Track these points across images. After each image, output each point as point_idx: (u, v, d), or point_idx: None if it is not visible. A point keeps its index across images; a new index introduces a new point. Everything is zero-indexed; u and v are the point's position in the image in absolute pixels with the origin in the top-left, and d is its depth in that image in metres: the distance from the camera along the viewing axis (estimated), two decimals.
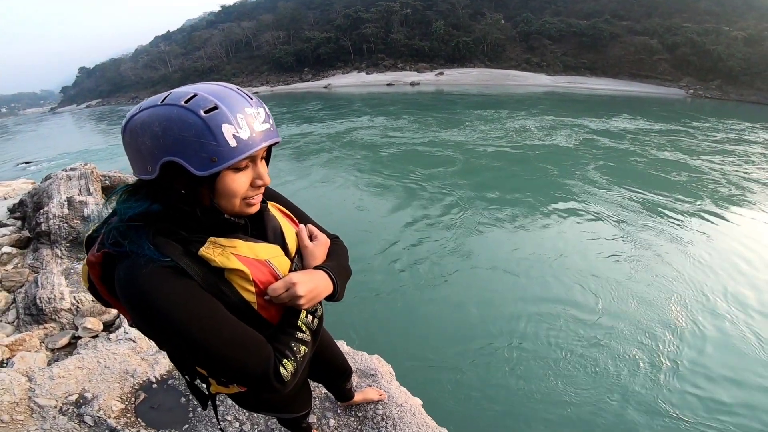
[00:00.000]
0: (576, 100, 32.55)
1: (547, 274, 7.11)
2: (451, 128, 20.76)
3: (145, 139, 0.72)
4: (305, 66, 62.14)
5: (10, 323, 3.35)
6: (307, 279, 0.88)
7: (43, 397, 2.01)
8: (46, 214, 4.57)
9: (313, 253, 0.96)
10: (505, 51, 53.51)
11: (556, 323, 5.83)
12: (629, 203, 10.37)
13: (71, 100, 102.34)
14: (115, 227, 0.78)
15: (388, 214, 10.08)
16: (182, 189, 0.77)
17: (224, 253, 0.81)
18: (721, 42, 40.67)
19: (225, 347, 0.77)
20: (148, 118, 0.73)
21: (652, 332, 5.65)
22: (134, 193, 0.82)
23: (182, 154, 0.71)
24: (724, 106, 32.23)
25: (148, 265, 0.73)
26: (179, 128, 0.71)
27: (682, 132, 19.59)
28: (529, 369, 5.04)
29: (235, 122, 0.73)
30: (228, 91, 0.76)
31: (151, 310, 0.73)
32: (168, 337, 0.76)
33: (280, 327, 0.89)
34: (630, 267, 7.34)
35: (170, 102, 0.73)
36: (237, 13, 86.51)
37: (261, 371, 0.80)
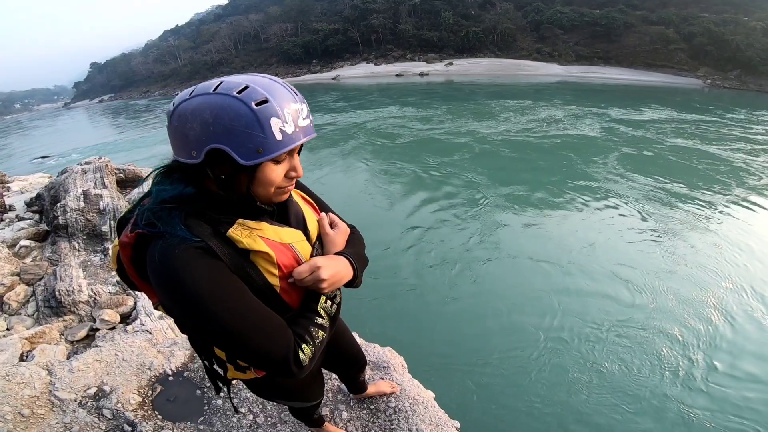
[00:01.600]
0: (590, 90, 32.00)
1: (574, 265, 6.97)
2: (471, 118, 20.70)
3: (194, 125, 0.75)
4: (314, 58, 61.93)
5: (29, 316, 3.41)
6: (330, 263, 0.91)
7: (63, 391, 2.05)
8: (62, 208, 4.64)
9: (334, 240, 0.99)
10: (515, 41, 52.62)
11: (584, 317, 5.69)
12: (655, 192, 10.22)
13: (84, 95, 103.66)
14: (149, 208, 0.80)
15: (405, 203, 10.08)
16: (222, 175, 0.80)
17: (251, 235, 0.84)
18: (740, 32, 39.59)
19: (250, 330, 0.78)
20: (199, 105, 0.75)
21: (689, 329, 5.46)
22: (168, 176, 0.85)
23: (230, 142, 0.74)
24: (743, 96, 31.40)
25: (180, 245, 0.75)
26: (230, 118, 0.73)
27: (704, 121, 19.20)
28: (553, 366, 4.91)
29: (282, 116, 0.76)
30: (276, 85, 0.79)
31: (181, 289, 0.75)
32: (194, 316, 0.77)
33: (299, 311, 0.91)
34: (662, 258, 7.20)
35: (223, 91, 0.75)
36: (245, 6, 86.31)
37: (282, 355, 0.81)
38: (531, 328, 5.53)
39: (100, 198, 4.81)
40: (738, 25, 40.89)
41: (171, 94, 64.49)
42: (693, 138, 15.85)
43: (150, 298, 0.91)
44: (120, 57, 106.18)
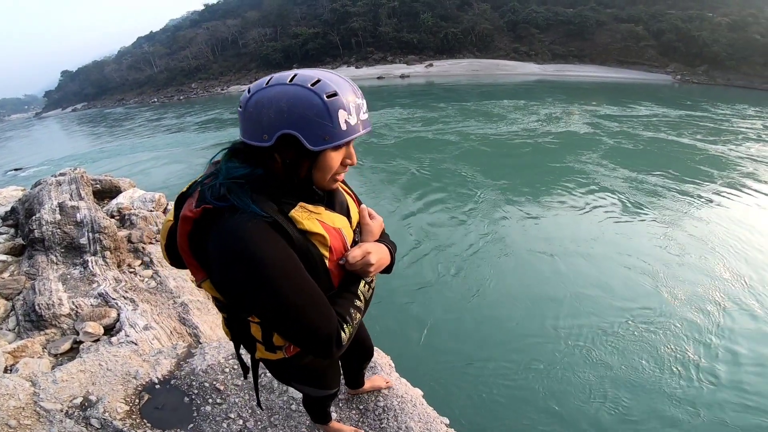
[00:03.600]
0: (568, 88, 32.70)
1: (568, 260, 7.02)
2: (458, 117, 20.71)
3: (270, 112, 0.82)
4: (294, 62, 61.40)
5: (11, 330, 3.34)
6: (377, 250, 1.01)
7: (49, 401, 2.02)
8: (38, 221, 4.53)
9: (372, 230, 1.08)
10: (493, 41, 53.44)
11: (580, 313, 5.67)
12: (644, 184, 10.51)
13: (56, 105, 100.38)
14: (222, 183, 0.85)
15: (396, 200, 10.13)
16: (287, 159, 0.87)
17: (310, 217, 0.91)
18: (705, 28, 41.12)
19: (307, 305, 0.84)
20: (277, 94, 0.83)
21: (701, 329, 5.37)
22: (235, 155, 0.92)
23: (301, 129, 0.82)
24: (711, 90, 32.59)
25: (252, 219, 0.81)
26: (304, 107, 0.81)
27: (678, 116, 19.87)
28: (548, 362, 4.89)
29: (348, 109, 0.84)
30: (343, 81, 0.87)
31: (252, 260, 0.79)
32: (259, 287, 0.81)
33: (339, 293, 0.96)
34: (662, 247, 7.33)
35: (298, 83, 0.83)
36: (221, 11, 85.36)
37: (328, 333, 0.86)
38: (523, 324, 5.56)
39: (76, 210, 4.71)
40: (704, 21, 42.44)
41: (147, 102, 62.99)
42: (671, 131, 16.35)
43: (195, 274, 0.93)
44: (92, 64, 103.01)
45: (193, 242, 0.88)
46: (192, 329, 3.57)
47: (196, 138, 23.21)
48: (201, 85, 65.03)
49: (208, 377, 2.31)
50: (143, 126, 33.25)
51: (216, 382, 2.28)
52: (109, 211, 5.71)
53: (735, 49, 37.96)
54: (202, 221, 0.85)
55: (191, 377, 2.32)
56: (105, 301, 3.63)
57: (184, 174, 14.95)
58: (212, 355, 2.49)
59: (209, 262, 0.86)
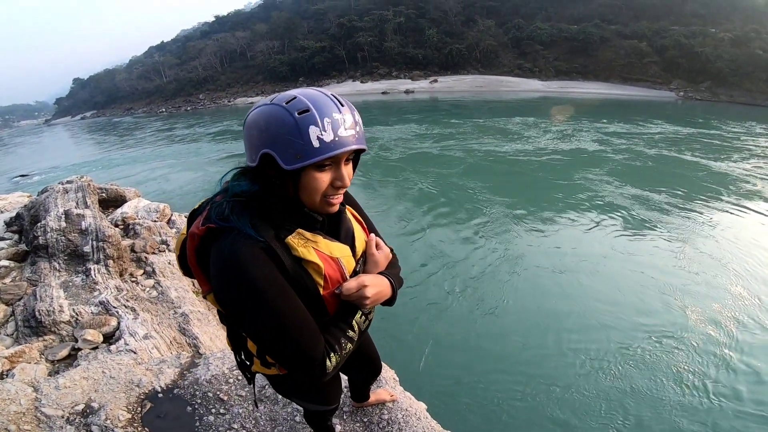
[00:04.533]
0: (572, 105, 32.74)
1: (574, 278, 6.95)
2: (473, 134, 20.69)
3: (254, 132, 0.85)
4: (300, 75, 62.23)
5: (9, 335, 3.33)
6: (375, 282, 0.99)
7: (50, 407, 2.00)
8: (43, 228, 4.55)
9: (377, 261, 1.06)
10: (497, 57, 54.01)
11: (590, 331, 5.60)
12: (651, 202, 10.48)
13: (66, 112, 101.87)
14: (226, 201, 0.89)
15: (404, 214, 10.13)
16: (272, 179, 0.88)
17: (306, 245, 0.91)
18: (708, 44, 41.37)
19: (291, 328, 0.85)
20: (258, 114, 0.85)
21: (719, 345, 5.28)
22: (242, 175, 0.94)
23: (275, 148, 0.82)
24: (714, 107, 32.72)
25: (246, 242, 0.83)
26: (277, 125, 0.82)
27: (684, 133, 19.88)
28: (553, 380, 4.81)
29: (321, 125, 0.82)
30: (322, 96, 0.85)
31: (243, 281, 0.82)
32: (248, 307, 0.84)
33: (333, 321, 0.96)
34: (672, 263, 7.29)
35: (276, 102, 0.85)
36: (231, 24, 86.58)
37: (311, 357, 0.87)
38: (531, 340, 5.49)
39: (82, 218, 4.73)
40: (707, 37, 42.75)
41: (156, 112, 63.74)
42: (676, 148, 16.42)
43: (201, 286, 0.98)
44: (103, 72, 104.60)
45: (199, 257, 0.93)
46: (192, 339, 3.55)
47: (205, 149, 23.34)
48: (208, 96, 65.79)
49: (211, 387, 2.29)
50: (153, 136, 33.53)
51: (220, 392, 2.25)
52: (113, 220, 5.73)
53: (738, 64, 38.15)
54: (206, 239, 0.89)
55: (195, 387, 2.30)
56: (106, 309, 3.62)
57: (190, 185, 15.06)
58: (216, 365, 2.47)
59: (211, 277, 0.89)
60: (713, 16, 46.81)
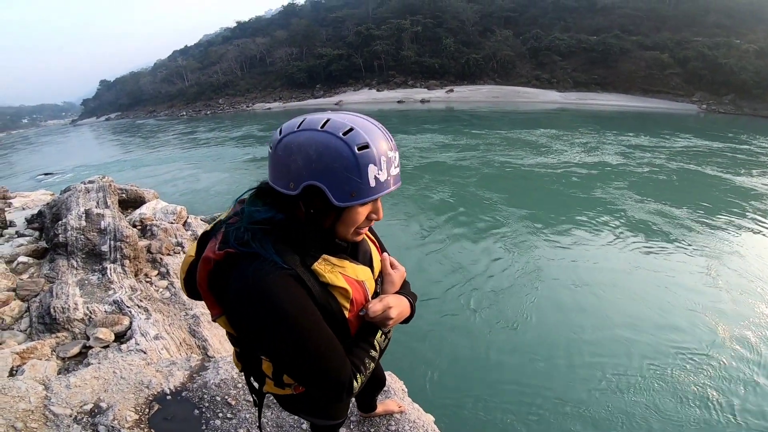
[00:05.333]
0: (590, 117, 32.23)
1: (598, 294, 6.73)
2: (496, 146, 20.39)
3: (298, 159, 0.79)
4: (317, 82, 63.00)
5: (22, 331, 3.40)
6: (398, 303, 1.00)
7: (59, 406, 2.02)
8: (64, 226, 4.66)
9: (394, 280, 1.06)
10: (515, 67, 53.73)
11: (613, 349, 5.40)
12: (678, 218, 10.14)
13: (91, 113, 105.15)
14: (245, 228, 0.85)
15: (424, 225, 10.02)
16: (312, 210, 0.85)
17: (333, 271, 0.90)
18: (733, 55, 40.31)
19: (323, 355, 0.84)
20: (306, 140, 0.80)
21: (752, 366, 5.04)
22: (259, 197, 0.91)
23: (328, 182, 0.79)
24: (738, 120, 31.84)
25: (275, 270, 0.80)
26: (332, 158, 0.77)
27: (709, 147, 19.28)
28: (576, 400, 4.60)
29: (379, 164, 0.80)
30: (377, 130, 0.83)
31: (272, 310, 0.79)
32: (276, 335, 0.81)
33: (356, 342, 0.96)
34: (702, 282, 7.03)
35: (329, 130, 0.79)
36: (252, 29, 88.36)
37: (341, 382, 0.87)
38: (550, 357, 5.30)
39: (101, 218, 4.83)
40: (731, 49, 41.64)
41: (176, 115, 65.20)
42: (700, 162, 15.91)
43: (210, 309, 0.95)
44: (129, 75, 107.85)
45: (212, 281, 0.89)
46: (201, 341, 3.57)
47: (226, 153, 23.58)
48: (228, 101, 67.07)
49: (220, 391, 2.29)
50: (176, 138, 34.07)
51: (228, 397, 2.25)
52: (132, 221, 5.84)
53: (762, 77, 37.01)
54: (223, 263, 0.85)
55: (203, 390, 2.30)
56: (119, 308, 3.67)
57: (209, 188, 15.26)
58: (226, 369, 2.47)
59: (228, 302, 0.87)
60: (737, 27, 45.67)
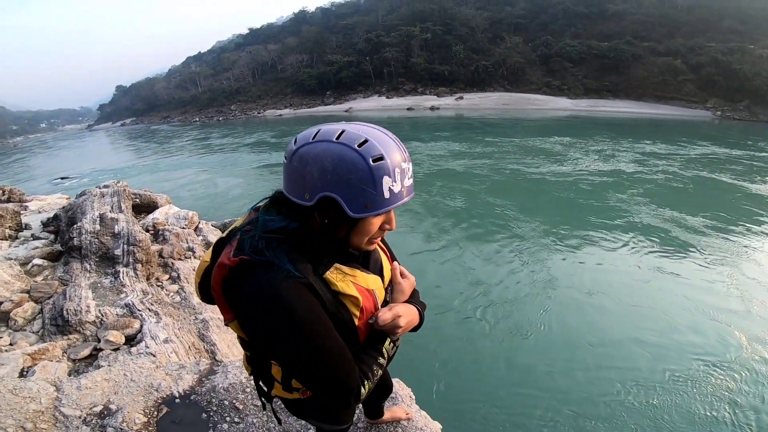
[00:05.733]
0: (602, 124, 31.78)
1: (615, 303, 6.54)
2: (510, 153, 20.24)
3: (313, 170, 0.80)
4: (327, 89, 63.53)
5: (34, 333, 3.45)
6: (407, 312, 1.02)
7: (69, 407, 2.05)
8: (78, 229, 4.74)
9: (404, 289, 1.08)
10: (525, 74, 53.58)
11: (618, 357, 5.23)
12: (695, 226, 9.89)
13: (107, 118, 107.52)
14: (260, 237, 0.87)
15: (431, 232, 9.98)
16: (326, 220, 0.87)
17: (345, 279, 0.92)
18: (747, 61, 39.70)
19: (333, 362, 0.86)
20: (322, 151, 0.81)
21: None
22: (273, 206, 0.93)
23: (343, 194, 0.80)
24: (753, 127, 31.27)
25: (288, 279, 0.82)
26: (348, 170, 0.79)
27: (730, 155, 18.96)
28: (592, 413, 4.46)
29: (393, 175, 0.82)
30: (391, 142, 0.84)
31: (285, 317, 0.81)
32: (289, 341, 0.83)
33: (365, 349, 0.98)
34: (723, 293, 6.85)
35: (345, 142, 0.80)
36: (264, 36, 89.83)
37: (349, 389, 0.90)
38: (564, 368, 5.14)
39: (115, 222, 4.91)
40: (745, 54, 41.00)
41: (189, 121, 66.25)
42: (716, 170, 15.62)
43: (224, 314, 0.97)
44: (144, 81, 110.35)
45: (226, 287, 0.91)
46: (210, 345, 3.59)
47: (240, 159, 23.69)
48: (240, 108, 68.00)
49: (228, 395, 2.30)
50: (191, 144, 34.49)
51: (236, 401, 2.26)
52: (145, 226, 5.93)
53: None
54: (238, 270, 0.87)
55: (211, 394, 2.31)
56: (130, 311, 3.71)
57: (221, 194, 15.37)
58: (235, 373, 2.48)
59: (241, 308, 0.89)
60: (751, 32, 44.93)
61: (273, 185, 0.96)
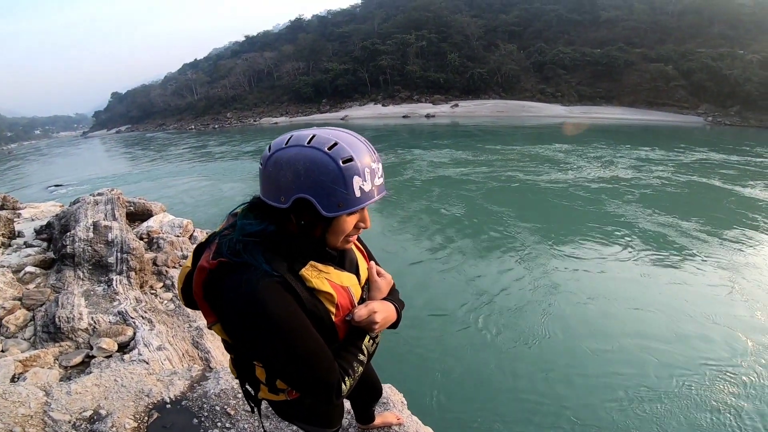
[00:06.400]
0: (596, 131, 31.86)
1: (612, 309, 6.53)
2: (509, 160, 20.37)
3: (287, 174, 0.85)
4: (323, 97, 63.49)
5: (26, 340, 3.43)
6: (383, 308, 1.04)
7: (59, 412, 2.05)
8: (72, 237, 4.73)
9: (380, 287, 1.11)
10: (519, 82, 53.98)
11: (620, 363, 5.20)
12: (692, 231, 9.99)
13: (102, 125, 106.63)
14: (237, 240, 0.89)
15: (430, 239, 9.99)
16: (302, 221, 0.90)
17: (320, 276, 0.95)
18: (737, 66, 40.18)
19: (311, 358, 0.89)
20: (294, 156, 0.85)
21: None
22: (252, 210, 0.96)
23: (316, 195, 0.84)
24: (745, 132, 31.59)
25: (264, 278, 0.85)
26: (319, 172, 0.83)
27: (723, 160, 19.18)
28: (587, 420, 4.44)
29: (363, 175, 0.86)
30: (360, 144, 0.88)
31: (262, 316, 0.84)
32: (268, 341, 0.86)
33: (344, 346, 1.01)
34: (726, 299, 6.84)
35: (316, 145, 0.84)
36: (260, 44, 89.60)
37: (329, 383, 0.92)
38: (551, 372, 5.15)
39: (109, 230, 4.90)
40: (735, 59, 41.52)
41: (185, 128, 66.04)
42: (710, 176, 15.83)
43: (206, 317, 1.00)
44: (140, 88, 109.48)
45: (206, 290, 0.94)
46: (204, 353, 3.59)
47: (236, 167, 23.70)
48: (236, 115, 67.85)
49: (219, 401, 2.30)
50: (188, 152, 34.39)
51: (227, 407, 2.26)
52: (139, 234, 5.91)
53: (767, 87, 36.90)
54: (216, 272, 0.90)
55: (203, 400, 2.32)
56: (123, 319, 3.70)
57: (217, 202, 15.34)
58: (226, 379, 2.49)
59: (221, 310, 0.92)
60: (741, 37, 45.54)
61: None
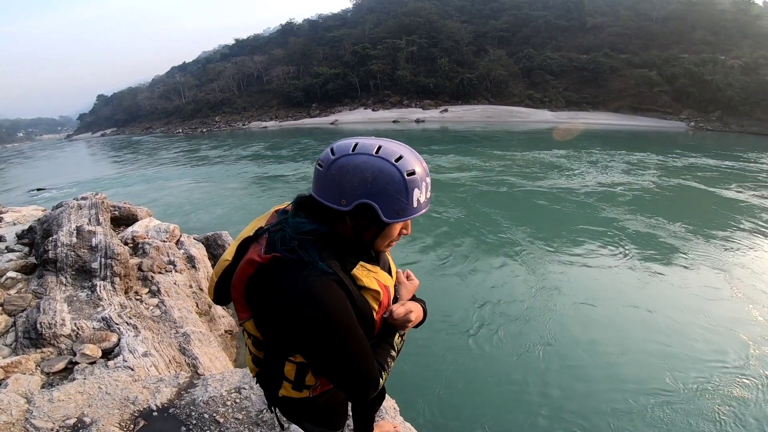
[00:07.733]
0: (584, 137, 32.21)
1: (613, 314, 6.46)
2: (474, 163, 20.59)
3: (354, 179, 0.90)
4: (313, 101, 63.29)
5: (7, 345, 3.34)
6: (416, 308, 1.12)
7: (41, 419, 1.99)
8: (54, 242, 4.62)
9: (409, 289, 1.19)
10: (508, 87, 54.69)
11: (618, 369, 5.13)
12: (682, 234, 10.07)
13: (87, 128, 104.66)
14: (294, 237, 0.94)
15: (430, 245, 9.93)
16: (358, 224, 0.97)
17: (369, 276, 1.01)
18: (718, 72, 41.30)
19: (358, 354, 0.94)
20: (362, 163, 0.91)
21: None
22: (302, 209, 1.01)
23: (380, 201, 0.91)
24: (726, 137, 32.46)
25: (321, 275, 0.90)
26: (386, 181, 0.90)
27: (706, 164, 19.60)
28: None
29: (421, 188, 0.94)
30: (418, 159, 0.96)
31: (318, 312, 0.88)
32: (321, 335, 0.91)
33: (378, 342, 1.06)
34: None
35: (383, 156, 0.91)
36: (250, 47, 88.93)
37: (372, 378, 0.97)
38: (546, 377, 5.06)
39: (93, 235, 4.80)
40: (716, 65, 42.66)
41: (173, 132, 65.13)
42: (695, 180, 16.17)
43: (240, 313, 1.04)
44: (127, 90, 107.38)
45: (251, 284, 0.97)
46: (191, 359, 3.52)
47: (229, 171, 23.22)
48: (224, 119, 67.15)
49: (208, 408, 2.26)
50: (178, 155, 33.86)
51: (216, 414, 2.22)
52: (123, 239, 5.80)
53: (748, 93, 37.83)
54: (268, 267, 0.94)
55: (191, 407, 2.27)
56: (107, 325, 3.62)
57: (202, 208, 15.02)
58: (215, 387, 2.44)
59: (265, 305, 0.96)
60: (722, 43, 46.82)
61: (265, 199, 0.96)
